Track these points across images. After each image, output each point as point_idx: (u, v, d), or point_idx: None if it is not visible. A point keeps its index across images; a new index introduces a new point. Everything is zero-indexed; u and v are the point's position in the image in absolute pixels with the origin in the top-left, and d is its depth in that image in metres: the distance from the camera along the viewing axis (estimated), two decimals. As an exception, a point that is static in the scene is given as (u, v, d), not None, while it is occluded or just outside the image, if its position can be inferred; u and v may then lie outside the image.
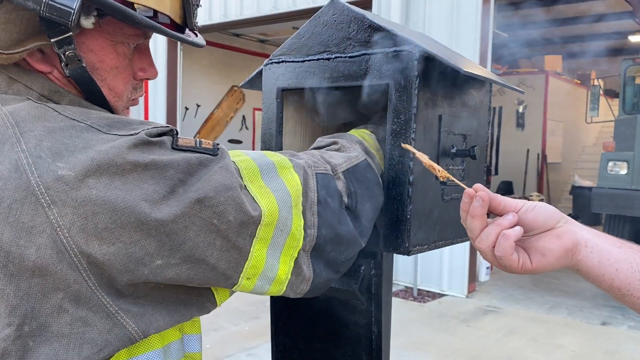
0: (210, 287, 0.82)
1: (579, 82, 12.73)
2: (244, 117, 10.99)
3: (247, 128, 11.06)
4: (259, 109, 1.29)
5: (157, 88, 8.32)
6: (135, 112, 6.19)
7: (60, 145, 0.71)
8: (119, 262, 0.70)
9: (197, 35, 0.91)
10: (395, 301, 5.61)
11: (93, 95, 0.84)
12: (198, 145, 0.79)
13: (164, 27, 0.81)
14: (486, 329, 4.94)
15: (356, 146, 1.07)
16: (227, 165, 0.78)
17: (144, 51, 0.90)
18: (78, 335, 0.70)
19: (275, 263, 0.84)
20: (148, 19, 0.78)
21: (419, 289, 5.93)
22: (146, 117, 6.16)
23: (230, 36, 10.08)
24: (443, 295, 5.88)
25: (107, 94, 0.85)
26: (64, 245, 0.68)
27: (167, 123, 8.51)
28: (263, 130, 1.28)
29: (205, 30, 8.49)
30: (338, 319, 1.21)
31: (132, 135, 0.74)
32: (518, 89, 1.33)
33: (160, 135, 0.77)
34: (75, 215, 0.68)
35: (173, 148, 0.76)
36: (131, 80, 0.89)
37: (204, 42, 0.94)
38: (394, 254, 1.17)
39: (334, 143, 1.08)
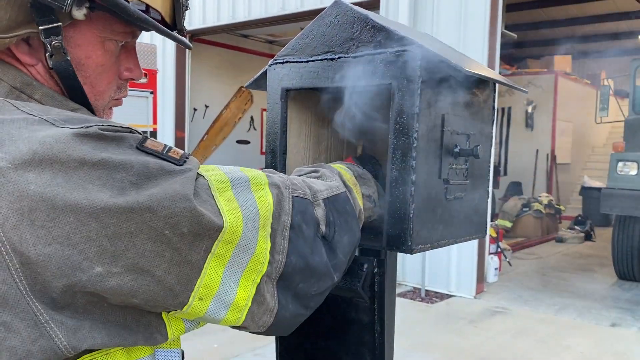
0: (162, 317, 0.75)
1: (589, 82, 12.64)
2: (252, 117, 11.03)
3: (255, 129, 11.09)
4: (266, 109, 1.30)
5: (165, 89, 8.37)
6: (144, 114, 6.23)
7: (5, 135, 0.68)
8: (54, 264, 0.64)
9: (185, 37, 0.91)
10: (403, 302, 5.60)
11: (74, 92, 0.83)
12: (164, 151, 0.74)
13: (155, 22, 0.81)
14: (494, 330, 4.93)
15: (336, 177, 1.03)
16: (190, 176, 0.73)
17: (130, 51, 0.90)
18: None
19: (233, 286, 0.77)
20: (141, 12, 0.79)
21: (426, 290, 5.92)
22: (155, 118, 6.19)
23: (239, 37, 10.12)
24: (451, 296, 5.87)
25: (89, 92, 0.84)
26: None
27: (176, 124, 8.63)
28: (267, 130, 1.30)
29: (213, 31, 8.54)
30: (342, 317, 1.21)
31: (82, 127, 0.70)
32: (521, 88, 1.33)
33: (118, 132, 0.72)
34: (11, 210, 0.64)
35: (137, 148, 0.72)
36: (116, 80, 0.88)
37: (190, 45, 0.94)
38: (398, 253, 1.17)
39: (315, 171, 1.04)
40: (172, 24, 0.88)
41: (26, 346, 0.65)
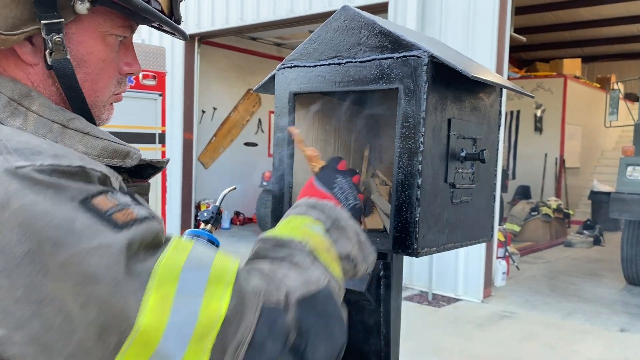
0: None
1: (599, 85, 12.58)
2: (259, 120, 11.06)
3: (262, 131, 11.12)
4: (274, 112, 1.31)
5: (174, 91, 8.42)
6: (153, 116, 6.27)
7: None
8: None
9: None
10: (410, 305, 5.60)
11: (71, 92, 0.83)
12: (109, 211, 0.65)
13: (157, 12, 0.83)
14: (502, 334, 4.91)
15: (311, 259, 0.82)
16: (118, 248, 0.62)
17: (128, 46, 0.91)
18: None
19: None
20: (144, 3, 0.80)
21: (434, 294, 5.90)
22: (163, 120, 6.22)
23: (247, 39, 10.16)
24: (458, 300, 5.85)
25: (89, 89, 0.85)
26: None
27: (184, 126, 8.67)
28: (275, 134, 1.31)
29: (222, 33, 8.59)
30: (347, 319, 1.22)
31: (18, 166, 0.64)
32: (528, 93, 1.33)
33: (66, 176, 0.65)
34: None
35: (80, 201, 0.64)
36: (116, 75, 0.89)
37: (187, 36, 0.96)
38: (405, 256, 1.18)
39: (280, 245, 0.83)
40: (169, 15, 0.89)
41: None
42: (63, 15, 0.78)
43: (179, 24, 0.91)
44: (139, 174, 0.91)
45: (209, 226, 1.12)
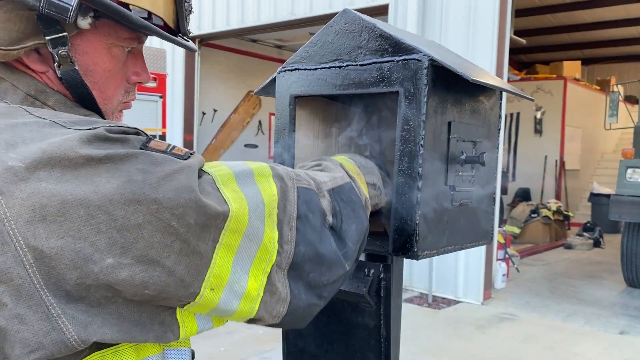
0: (177, 316, 0.77)
1: (598, 87, 12.59)
2: (260, 122, 11.07)
3: (262, 133, 11.13)
4: (275, 114, 1.31)
5: (174, 93, 8.43)
6: (154, 117, 6.28)
7: (18, 138, 0.71)
8: (67, 257, 0.67)
9: (188, 41, 0.93)
10: (410, 307, 5.60)
11: (83, 98, 0.86)
12: (168, 149, 0.76)
13: (157, 28, 0.84)
14: (502, 336, 4.91)
15: (339, 168, 1.03)
16: (193, 169, 0.75)
17: (137, 56, 0.92)
18: (12, 332, 0.66)
19: (244, 276, 0.78)
20: (143, 20, 0.81)
21: (434, 296, 5.91)
22: (164, 122, 6.24)
23: (248, 42, 10.16)
24: (458, 302, 5.85)
25: (98, 97, 0.87)
26: (10, 237, 0.66)
27: (185, 128, 8.69)
28: (276, 137, 1.31)
29: (222, 35, 8.59)
30: (348, 321, 1.23)
31: (89, 129, 0.72)
32: (527, 96, 1.34)
33: (125, 133, 0.75)
34: (23, 207, 0.66)
35: (141, 148, 0.74)
36: (124, 84, 0.91)
37: (195, 48, 0.96)
38: (405, 259, 1.19)
39: (317, 165, 1.05)
40: (175, 29, 0.90)
41: (38, 338, 0.67)
42: (67, 29, 0.79)
43: (187, 36, 0.92)
44: None
45: None
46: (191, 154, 0.78)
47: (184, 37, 0.92)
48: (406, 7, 6.08)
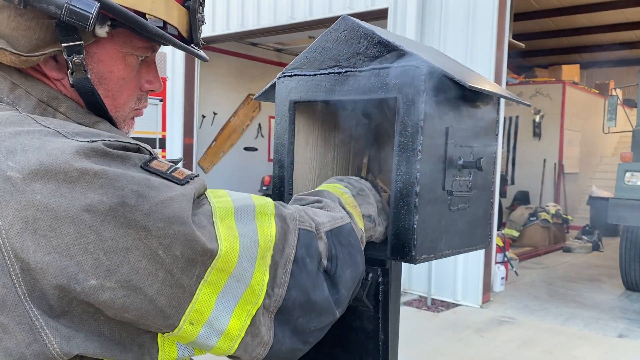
0: (157, 340, 0.77)
1: (597, 91, 12.62)
2: (259, 125, 11.08)
3: (262, 136, 11.14)
4: (274, 118, 1.32)
5: (174, 96, 8.44)
6: (154, 120, 6.30)
7: (18, 145, 0.71)
8: (51, 273, 0.67)
9: (200, 51, 0.95)
10: (409, 310, 5.60)
11: (93, 106, 0.87)
12: (168, 171, 0.76)
13: (172, 38, 0.85)
14: (500, 339, 4.91)
15: (338, 206, 1.02)
16: (188, 198, 0.74)
17: (150, 64, 0.94)
18: None
19: (227, 315, 0.78)
20: (159, 29, 0.83)
21: (433, 299, 5.91)
22: (164, 125, 6.26)
23: (247, 45, 10.19)
24: (457, 305, 5.86)
25: (110, 104, 0.88)
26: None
27: (185, 131, 8.71)
28: (275, 142, 1.33)
29: (222, 39, 8.61)
30: (346, 325, 1.24)
31: (88, 142, 0.72)
32: (525, 102, 1.35)
33: (125, 149, 0.75)
34: (16, 218, 0.67)
35: (141, 167, 0.74)
36: (137, 92, 0.93)
37: (207, 58, 0.98)
38: (403, 263, 1.20)
39: (318, 201, 1.03)
40: (188, 38, 0.91)
41: (20, 349, 0.67)
42: (84, 37, 0.80)
43: (200, 47, 0.93)
44: None
45: None
46: (191, 178, 0.78)
47: (198, 46, 0.93)
48: (405, 11, 6.10)
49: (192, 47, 0.92)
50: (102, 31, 0.80)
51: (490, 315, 5.57)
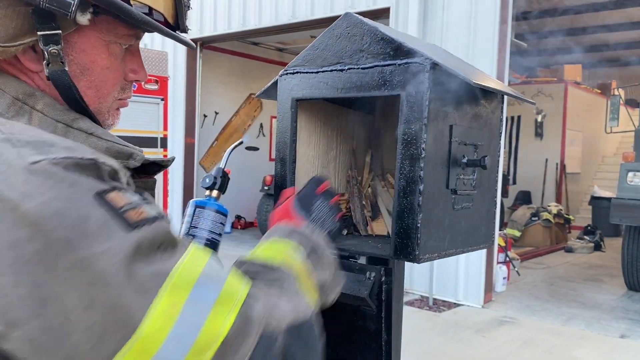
0: None
1: (599, 91, 12.59)
2: (261, 124, 11.08)
3: (264, 135, 11.14)
4: (276, 117, 1.31)
5: (176, 96, 8.44)
6: (155, 120, 6.29)
7: None
8: None
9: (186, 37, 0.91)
10: (411, 310, 5.59)
11: (70, 100, 0.82)
12: (122, 209, 0.66)
13: (158, 24, 0.82)
14: (501, 339, 4.90)
15: (298, 287, 0.86)
16: (126, 254, 0.63)
17: (134, 53, 0.90)
18: None
19: None
20: (144, 15, 0.79)
21: (434, 299, 5.90)
22: (165, 124, 6.24)
23: (249, 44, 10.18)
24: (459, 305, 5.84)
25: (93, 96, 0.84)
26: None
27: (186, 130, 8.71)
28: (278, 139, 1.32)
29: (224, 38, 8.61)
30: (349, 325, 1.23)
31: (34, 162, 0.64)
32: (529, 100, 1.34)
33: (77, 169, 0.66)
34: None
35: (95, 194, 0.65)
36: (121, 81, 0.88)
37: (194, 45, 0.94)
38: (406, 262, 1.19)
39: (269, 269, 0.87)
40: (174, 25, 0.88)
41: None
42: (65, 25, 0.77)
43: (186, 33, 0.90)
44: (144, 171, 0.90)
45: (214, 192, 1.08)
46: (150, 222, 0.67)
47: (184, 33, 0.90)
48: (407, 10, 6.09)
49: (177, 33, 0.89)
50: (83, 19, 0.76)
51: (491, 316, 5.56)
